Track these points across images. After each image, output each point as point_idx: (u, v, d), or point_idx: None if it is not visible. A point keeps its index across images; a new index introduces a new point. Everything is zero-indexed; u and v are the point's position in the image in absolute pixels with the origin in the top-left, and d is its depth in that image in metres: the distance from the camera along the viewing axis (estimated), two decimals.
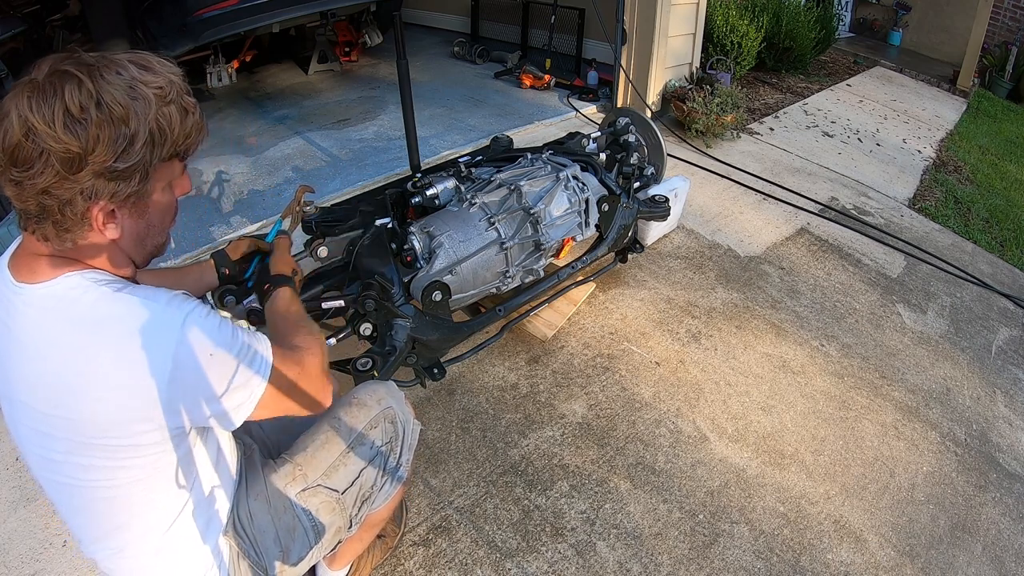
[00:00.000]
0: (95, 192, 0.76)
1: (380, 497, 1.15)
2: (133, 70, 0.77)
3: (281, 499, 1.03)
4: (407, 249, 1.76)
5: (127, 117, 0.75)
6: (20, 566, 1.42)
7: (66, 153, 0.72)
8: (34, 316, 0.78)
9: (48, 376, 0.77)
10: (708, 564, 1.52)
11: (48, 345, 0.77)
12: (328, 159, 3.20)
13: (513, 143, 2.43)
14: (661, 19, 3.55)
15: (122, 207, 0.80)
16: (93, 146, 0.73)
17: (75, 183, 0.74)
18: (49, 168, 0.73)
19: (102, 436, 0.78)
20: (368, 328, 1.60)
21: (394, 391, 1.21)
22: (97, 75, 0.74)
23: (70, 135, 0.72)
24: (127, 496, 0.84)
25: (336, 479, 1.07)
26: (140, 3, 3.36)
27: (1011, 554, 1.70)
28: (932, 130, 4.75)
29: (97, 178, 0.75)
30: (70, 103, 0.72)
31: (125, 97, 0.75)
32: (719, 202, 3.12)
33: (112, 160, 0.75)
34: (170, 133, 0.79)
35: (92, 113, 0.73)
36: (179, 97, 0.81)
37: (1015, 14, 6.67)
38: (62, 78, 0.73)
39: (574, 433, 1.82)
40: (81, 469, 0.81)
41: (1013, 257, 3.27)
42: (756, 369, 2.13)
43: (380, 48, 4.69)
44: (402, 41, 2.20)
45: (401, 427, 1.17)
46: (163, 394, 0.77)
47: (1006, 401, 2.25)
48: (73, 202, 0.75)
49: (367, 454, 1.11)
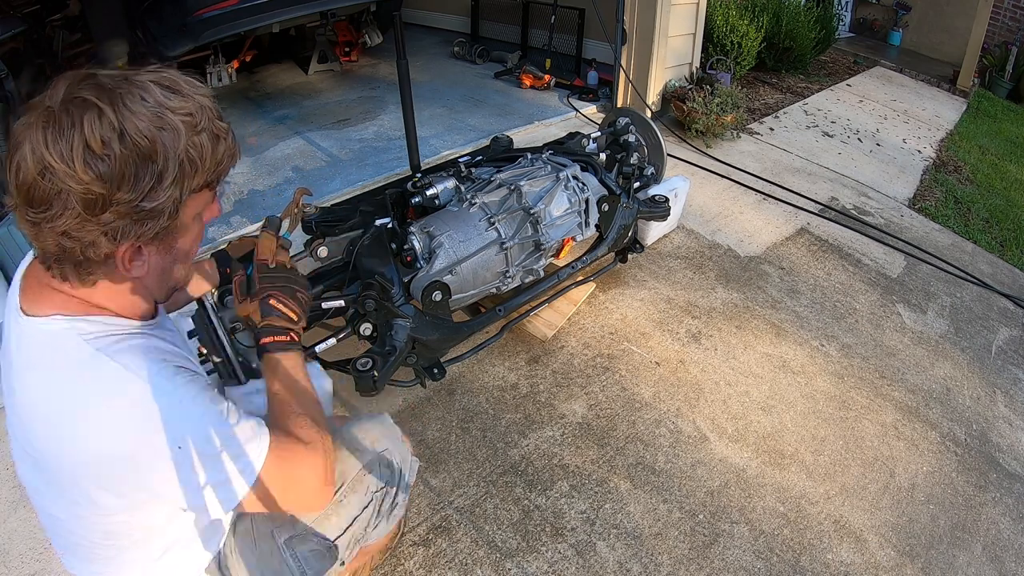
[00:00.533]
0: (120, 233, 0.69)
1: (375, 535, 1.10)
2: (158, 94, 0.69)
3: (268, 543, 0.95)
4: (407, 249, 1.76)
5: (154, 152, 0.67)
6: (20, 566, 1.42)
7: (87, 194, 0.65)
8: (25, 353, 0.74)
9: (26, 413, 0.74)
10: (708, 564, 1.52)
11: (28, 385, 0.74)
12: (328, 159, 3.20)
13: (513, 143, 2.43)
14: (661, 19, 3.55)
15: (149, 245, 0.74)
16: (118, 185, 0.66)
17: (98, 225, 0.67)
18: (69, 210, 0.65)
19: (71, 489, 0.74)
20: (368, 328, 1.60)
21: (390, 429, 1.11)
22: (119, 103, 0.66)
23: (91, 174, 0.65)
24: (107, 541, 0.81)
25: (327, 528, 0.98)
26: (140, 3, 3.36)
27: (1011, 554, 1.70)
28: (932, 130, 4.75)
29: (122, 219, 0.68)
30: (90, 137, 0.64)
31: (151, 128, 0.67)
32: (719, 202, 3.12)
33: (139, 200, 0.68)
34: (201, 164, 0.72)
35: (115, 148, 0.65)
36: (210, 123, 0.73)
37: (1015, 14, 6.67)
38: (80, 107, 0.65)
39: (574, 433, 1.82)
40: (60, 508, 0.79)
41: (1013, 257, 3.27)
42: (756, 369, 2.13)
43: (380, 48, 4.69)
44: (402, 41, 2.20)
45: (397, 469, 1.08)
46: (126, 478, 0.72)
47: (1006, 401, 2.25)
48: (96, 244, 0.69)
49: (359, 501, 1.01)
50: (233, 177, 3.01)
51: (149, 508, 0.78)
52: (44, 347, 0.72)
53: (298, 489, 0.81)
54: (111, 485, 0.73)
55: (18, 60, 2.95)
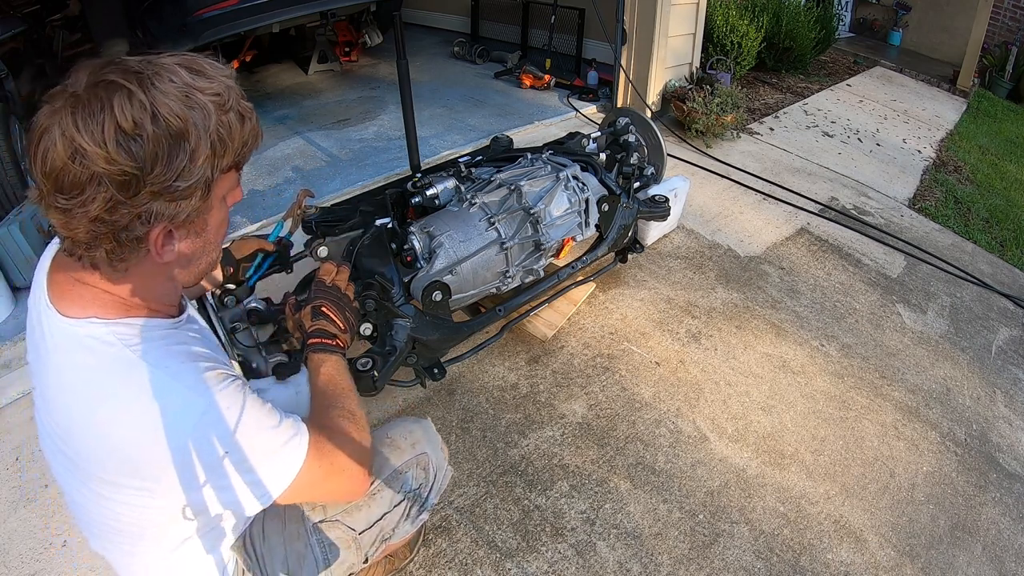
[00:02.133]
0: (155, 215, 0.69)
1: (399, 535, 1.10)
2: (185, 75, 0.69)
3: (297, 525, 0.97)
4: (407, 249, 1.76)
5: (186, 131, 0.67)
6: (20, 566, 1.42)
7: (121, 175, 0.64)
8: (55, 348, 0.74)
9: (59, 412, 0.74)
10: (708, 564, 1.52)
11: (55, 385, 0.74)
12: (328, 159, 3.20)
13: (513, 143, 2.43)
14: (661, 19, 3.55)
15: (180, 228, 0.73)
16: (151, 165, 0.65)
17: (132, 207, 0.67)
18: (102, 193, 0.65)
19: (95, 485, 0.75)
20: (368, 328, 1.60)
21: (431, 434, 1.14)
22: (148, 84, 0.66)
23: (124, 155, 0.64)
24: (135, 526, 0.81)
25: (356, 519, 1.01)
26: (140, 3, 3.36)
27: (1011, 554, 1.70)
28: (932, 130, 4.75)
29: (156, 199, 0.68)
30: (121, 118, 0.63)
31: (182, 108, 0.67)
32: (719, 202, 3.12)
33: (173, 179, 0.67)
34: (230, 143, 0.73)
35: (148, 128, 0.65)
36: (237, 103, 0.74)
37: (1015, 14, 6.67)
38: (108, 89, 0.64)
39: (574, 433, 1.82)
40: (77, 493, 0.79)
41: (1013, 257, 3.27)
42: (756, 369, 2.13)
43: (380, 48, 4.69)
44: (402, 41, 2.20)
45: (433, 473, 1.11)
46: (166, 477, 0.72)
47: (1006, 401, 2.25)
48: (130, 227, 0.68)
49: (392, 499, 1.04)
50: None
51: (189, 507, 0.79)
52: (85, 352, 0.71)
53: (338, 479, 0.84)
54: (152, 488, 0.73)
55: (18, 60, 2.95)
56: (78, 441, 0.73)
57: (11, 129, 2.51)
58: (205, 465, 0.73)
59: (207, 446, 0.72)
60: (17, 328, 2.00)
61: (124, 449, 0.71)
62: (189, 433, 0.71)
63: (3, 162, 2.37)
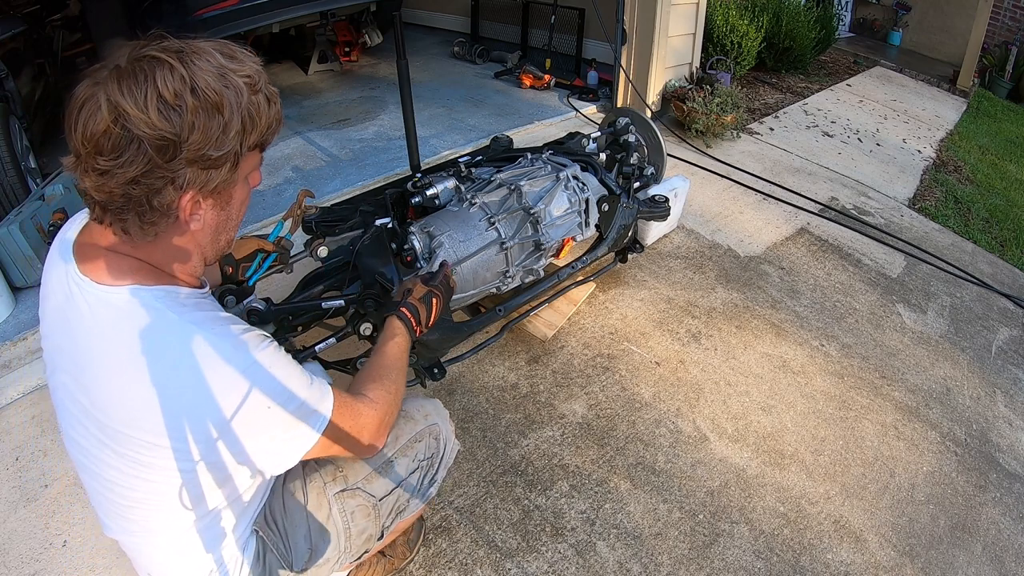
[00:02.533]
0: (187, 181, 0.73)
1: (410, 509, 1.14)
2: (220, 58, 0.75)
3: (318, 497, 1.02)
4: (407, 249, 1.75)
5: (221, 105, 0.73)
6: (20, 566, 1.42)
7: (161, 140, 0.69)
8: (90, 316, 0.76)
9: (95, 381, 0.76)
10: (708, 564, 1.52)
11: (99, 353, 0.75)
12: (328, 159, 3.20)
13: (513, 143, 2.43)
14: (661, 19, 3.55)
15: (208, 198, 0.78)
16: (188, 134, 0.70)
17: (167, 171, 0.71)
18: (141, 155, 0.69)
19: (133, 451, 0.77)
20: (368, 328, 1.60)
21: (440, 409, 1.21)
22: (188, 60, 0.71)
23: (164, 121, 0.69)
24: (152, 499, 0.82)
25: (376, 486, 1.06)
26: (140, 3, 3.36)
27: (1011, 554, 1.70)
28: (932, 130, 4.75)
29: (190, 166, 0.73)
30: (163, 89, 0.69)
31: (218, 84, 0.73)
32: (719, 202, 3.12)
33: (207, 148, 0.72)
34: (258, 122, 0.78)
35: (187, 99, 0.70)
36: (265, 86, 0.80)
37: (1015, 14, 6.67)
38: (151, 63, 0.70)
39: (574, 433, 1.82)
40: (107, 467, 0.80)
41: (1013, 257, 3.27)
42: (756, 369, 2.13)
43: (380, 48, 4.69)
44: (402, 41, 2.20)
45: (443, 445, 1.18)
46: (208, 434, 0.75)
47: (1006, 401, 2.25)
48: (163, 192, 0.73)
49: (408, 466, 1.10)
50: None
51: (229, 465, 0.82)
52: (127, 317, 0.74)
53: (354, 438, 0.90)
54: (194, 448, 0.76)
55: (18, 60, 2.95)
56: (120, 406, 0.75)
57: (11, 129, 2.51)
58: (249, 420, 0.76)
59: (253, 402, 0.76)
60: (17, 328, 2.00)
61: (174, 407, 0.74)
62: (235, 389, 0.75)
63: (3, 162, 2.37)
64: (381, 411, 0.93)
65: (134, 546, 0.90)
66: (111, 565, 1.43)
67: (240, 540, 0.94)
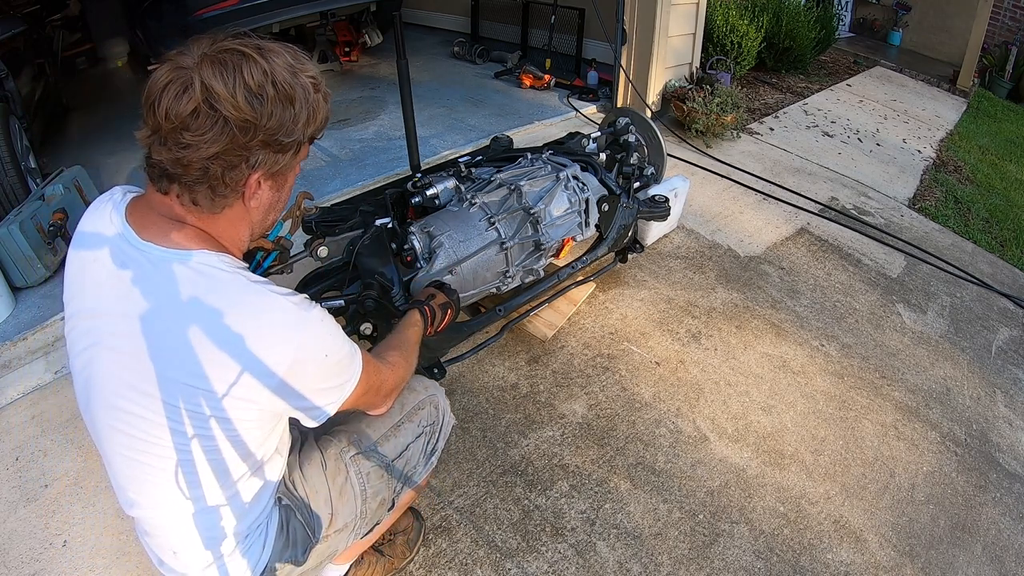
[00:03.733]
0: (258, 162, 0.82)
1: (416, 477, 1.22)
2: (290, 58, 0.84)
3: (335, 462, 1.09)
4: (407, 249, 1.76)
5: (294, 98, 0.82)
6: (20, 566, 1.42)
7: (243, 123, 0.78)
8: (159, 276, 0.80)
9: (164, 337, 0.80)
10: (708, 564, 1.52)
11: (170, 309, 0.80)
12: (328, 159, 3.20)
13: (513, 143, 2.43)
14: (661, 19, 3.55)
15: (268, 179, 0.87)
16: (267, 120, 0.79)
17: (245, 150, 0.80)
18: (226, 133, 0.77)
19: (193, 404, 0.81)
20: (368, 328, 1.61)
21: (437, 386, 1.32)
22: (268, 57, 0.80)
23: (248, 107, 0.77)
24: (192, 462, 0.85)
25: (388, 447, 1.15)
26: (140, 3, 3.36)
27: (1011, 554, 1.70)
28: (932, 130, 4.75)
29: (264, 148, 0.81)
30: (249, 79, 0.77)
31: (293, 80, 0.82)
32: (719, 202, 3.12)
33: (279, 134, 0.81)
34: (318, 116, 0.87)
35: (268, 90, 0.79)
36: (324, 87, 0.89)
37: (1015, 14, 6.67)
38: (238, 56, 0.78)
39: (574, 433, 1.82)
40: (153, 427, 0.83)
41: (1013, 257, 3.27)
42: (756, 369, 2.13)
43: (380, 48, 4.69)
44: (402, 41, 2.20)
45: (442, 414, 1.28)
46: (276, 382, 0.82)
47: (1006, 401, 2.25)
48: (237, 168, 0.81)
49: (414, 430, 1.21)
50: None
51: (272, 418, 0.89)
52: (202, 276, 0.80)
53: (375, 393, 1.00)
54: (258, 396, 0.82)
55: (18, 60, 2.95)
56: (190, 358, 0.79)
57: (11, 129, 2.51)
58: (307, 368, 0.84)
59: (313, 352, 0.84)
60: (17, 328, 2.00)
61: (244, 355, 0.80)
62: (299, 340, 0.83)
63: (3, 162, 2.37)
64: (397, 374, 1.06)
65: (157, 522, 0.91)
66: (111, 565, 1.43)
67: (265, 510, 0.98)
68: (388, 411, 1.10)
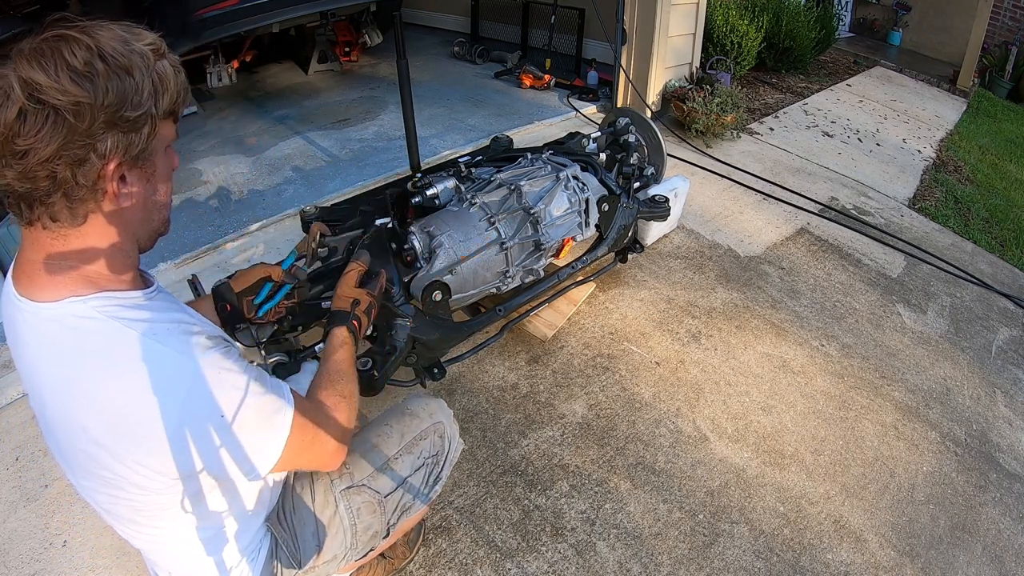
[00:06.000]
0: (108, 148, 0.73)
1: (416, 508, 1.14)
2: (118, 31, 0.76)
3: (325, 493, 1.04)
4: (407, 249, 1.76)
5: (131, 67, 0.73)
6: (20, 566, 1.42)
7: (76, 106, 0.69)
8: (34, 338, 0.75)
9: (50, 403, 0.75)
10: (708, 564, 1.52)
11: (47, 373, 0.74)
12: (328, 159, 3.20)
13: (513, 143, 2.43)
14: (661, 19, 3.55)
15: (132, 169, 0.77)
16: (103, 97, 0.71)
17: (88, 138, 0.71)
18: (61, 124, 0.69)
19: (105, 471, 0.76)
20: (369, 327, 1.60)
21: (445, 408, 1.23)
22: (92, 32, 0.72)
23: (78, 88, 0.69)
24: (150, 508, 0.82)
25: (381, 483, 1.08)
26: (140, 3, 3.36)
27: (1011, 554, 1.70)
28: (932, 130, 4.75)
29: (110, 130, 0.72)
30: (72, 60, 0.69)
31: (124, 49, 0.73)
32: (719, 202, 3.12)
33: (123, 108, 0.72)
34: (169, 87, 0.78)
35: (97, 65, 0.71)
36: (168, 54, 0.80)
37: (1015, 14, 6.67)
38: (56, 41, 0.70)
39: (574, 433, 1.82)
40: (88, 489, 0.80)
41: (1013, 257, 3.27)
42: (756, 369, 2.13)
43: (380, 48, 4.69)
44: (402, 41, 2.20)
45: (447, 443, 1.19)
46: (167, 445, 0.74)
47: (1006, 401, 2.25)
48: (87, 161, 0.71)
49: (413, 463, 1.12)
50: (233, 177, 3.01)
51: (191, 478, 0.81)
52: (70, 331, 0.73)
53: (315, 451, 0.89)
54: (158, 460, 0.75)
55: None
56: (75, 424, 0.74)
57: None
58: (204, 432, 0.75)
59: (202, 411, 0.75)
60: None
61: (125, 420, 0.72)
62: (183, 398, 0.74)
63: None
64: (342, 418, 0.93)
65: (148, 551, 0.91)
66: (111, 565, 1.43)
67: (254, 541, 0.96)
68: (388, 442, 1.05)
